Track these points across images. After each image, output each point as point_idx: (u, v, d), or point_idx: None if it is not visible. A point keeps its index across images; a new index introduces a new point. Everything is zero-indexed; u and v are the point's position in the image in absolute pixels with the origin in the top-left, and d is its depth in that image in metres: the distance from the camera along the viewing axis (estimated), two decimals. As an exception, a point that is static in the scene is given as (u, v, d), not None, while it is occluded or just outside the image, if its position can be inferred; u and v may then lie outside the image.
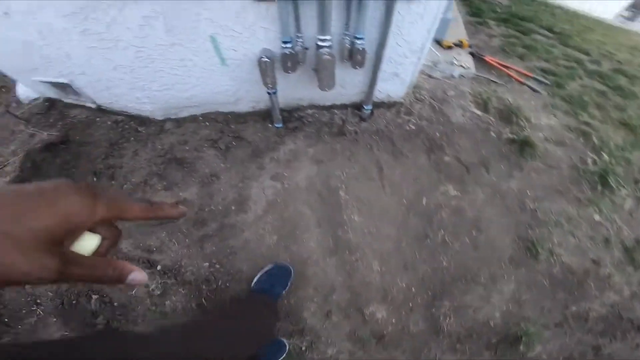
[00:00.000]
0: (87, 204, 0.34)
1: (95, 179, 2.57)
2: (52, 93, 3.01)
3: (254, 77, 2.36)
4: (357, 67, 2.22)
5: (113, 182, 2.52)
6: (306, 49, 2.17)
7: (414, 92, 3.05)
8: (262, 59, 2.03)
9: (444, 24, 3.54)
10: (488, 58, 3.71)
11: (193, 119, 2.75)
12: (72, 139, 2.85)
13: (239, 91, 2.53)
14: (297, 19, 1.97)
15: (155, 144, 2.68)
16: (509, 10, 5.26)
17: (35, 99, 3.24)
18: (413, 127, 2.83)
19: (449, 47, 3.71)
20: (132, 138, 2.80)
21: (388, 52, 2.27)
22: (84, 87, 2.53)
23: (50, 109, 3.17)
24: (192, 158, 2.57)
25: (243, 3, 1.87)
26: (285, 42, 2.04)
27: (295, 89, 2.59)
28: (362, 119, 2.83)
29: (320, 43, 2.01)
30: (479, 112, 3.08)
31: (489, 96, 3.22)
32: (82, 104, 3.02)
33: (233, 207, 2.37)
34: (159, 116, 2.75)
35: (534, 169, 2.69)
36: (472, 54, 3.62)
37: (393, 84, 2.66)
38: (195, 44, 2.10)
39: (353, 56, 2.15)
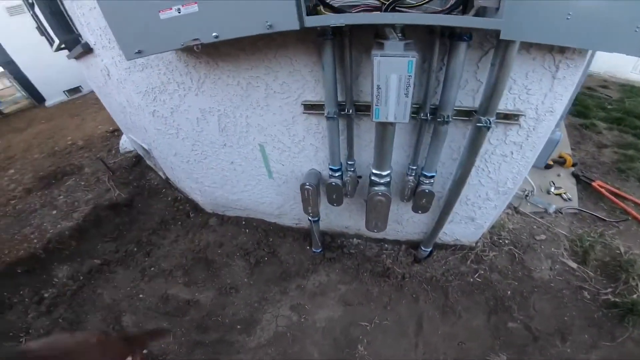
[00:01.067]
0: None
1: (135, 248, 2.64)
2: (141, 152, 3.40)
3: (299, 196, 2.20)
4: (419, 211, 1.84)
5: (146, 259, 2.53)
6: (359, 177, 1.90)
7: (491, 234, 2.43)
8: (305, 185, 1.85)
9: (549, 146, 2.66)
10: (597, 184, 2.70)
11: (236, 221, 2.66)
12: (136, 204, 3.10)
13: (283, 206, 2.36)
14: (350, 142, 1.71)
15: (195, 237, 2.64)
16: (621, 106, 4.03)
17: (130, 152, 3.78)
18: (479, 280, 2.18)
19: (548, 167, 2.86)
20: (180, 223, 2.86)
21: (465, 192, 1.80)
22: (157, 158, 2.71)
23: (136, 165, 3.64)
24: (221, 264, 2.39)
25: (294, 113, 1.74)
26: (333, 170, 1.79)
27: (340, 218, 2.31)
28: (415, 261, 2.33)
29: (374, 178, 1.65)
30: (573, 265, 2.20)
31: (591, 243, 2.30)
32: (157, 170, 3.33)
33: (239, 326, 2.05)
34: (208, 208, 2.74)
35: (632, 339, 1.86)
36: (576, 176, 2.87)
37: (465, 228, 2.14)
38: (245, 149, 2.05)
39: (417, 199, 1.76)
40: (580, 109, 4.04)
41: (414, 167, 1.73)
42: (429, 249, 2.24)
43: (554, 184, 2.83)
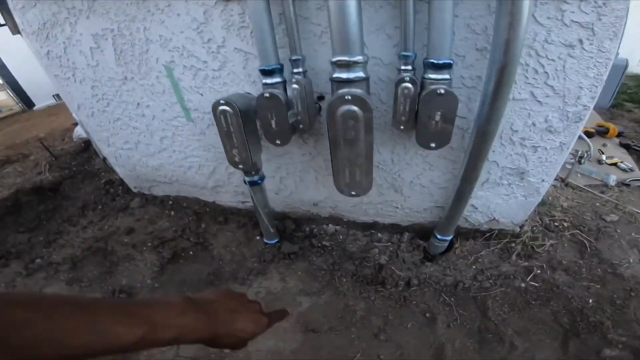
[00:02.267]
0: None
1: (41, 238, 1.99)
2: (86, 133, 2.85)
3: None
4: (433, 144, 0.99)
5: (43, 250, 1.86)
6: (319, 97, 1.12)
7: (541, 214, 1.53)
8: (221, 106, 1.02)
9: (615, 75, 2.07)
10: None
11: (162, 201, 1.86)
12: (63, 189, 2.53)
13: (217, 170, 1.54)
14: (290, 31, 0.96)
15: (106, 223, 1.88)
16: None
17: (82, 139, 3.26)
18: (535, 284, 1.25)
19: (588, 135, 2.22)
20: (101, 207, 2.16)
21: (508, 117, 1.03)
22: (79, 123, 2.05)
23: (84, 151, 3.12)
24: (122, 257, 1.59)
25: (206, 6, 1.06)
26: (266, 73, 1.00)
27: (304, 186, 1.45)
28: (427, 258, 1.42)
29: (338, 74, 0.86)
30: None
31: None
32: (98, 152, 2.74)
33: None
34: (133, 186, 1.98)
35: None
36: (626, 145, 2.31)
37: (509, 198, 1.24)
38: (149, 79, 1.35)
39: (424, 115, 0.92)
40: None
41: (408, 55, 0.91)
42: (448, 238, 1.33)
43: (603, 152, 2.16)
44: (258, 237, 1.59)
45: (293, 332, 1.24)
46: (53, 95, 7.11)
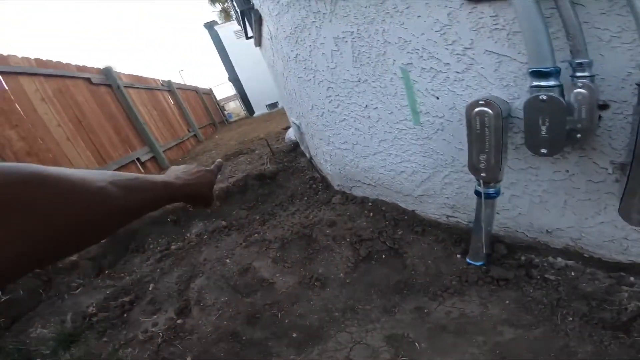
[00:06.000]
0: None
1: (257, 216, 2.50)
2: (297, 135, 3.49)
3: (461, 156, 1.28)
4: None
5: (259, 227, 2.29)
6: (602, 105, 0.89)
7: None
8: (479, 106, 0.95)
9: None
10: None
11: (362, 201, 1.95)
12: (278, 178, 3.09)
13: (431, 179, 1.48)
14: (570, 30, 0.82)
15: (311, 213, 2.13)
16: None
17: (292, 141, 4.01)
18: None
19: None
20: (306, 198, 2.51)
21: None
22: (302, 126, 2.47)
23: (292, 151, 3.74)
24: (322, 247, 1.75)
25: (450, 8, 1.05)
26: (539, 75, 0.88)
27: (541, 208, 1.19)
28: None
29: None
30: None
31: None
32: (305, 152, 3.29)
33: (294, 334, 1.37)
34: (336, 184, 2.19)
35: None
36: None
37: None
38: (382, 81, 1.43)
39: None
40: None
41: None
42: None
43: None
44: (458, 256, 1.43)
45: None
46: (266, 105, 9.15)
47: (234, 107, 11.43)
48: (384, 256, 1.59)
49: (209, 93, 10.35)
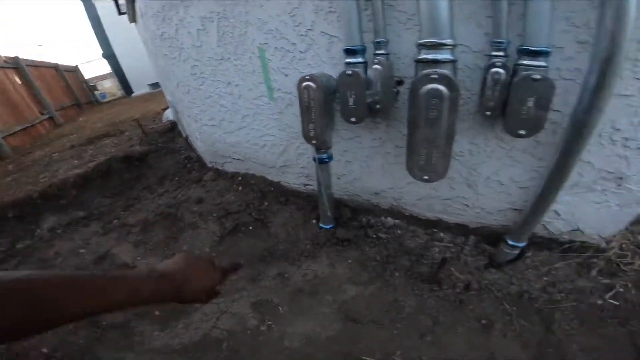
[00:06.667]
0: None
1: (121, 202, 2.29)
2: (173, 114, 3.20)
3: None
4: (522, 131, 0.94)
5: (122, 213, 2.11)
6: (398, 82, 1.12)
7: (635, 233, 1.31)
8: (305, 81, 1.09)
9: None
10: None
11: (232, 176, 2.00)
12: (148, 160, 2.83)
13: (288, 149, 1.62)
14: (376, 16, 1.01)
15: (180, 193, 2.07)
16: None
17: (170, 121, 3.67)
18: (614, 302, 1.08)
19: None
20: (177, 178, 2.40)
21: (611, 112, 0.93)
22: (171, 103, 2.33)
23: (169, 131, 3.44)
24: (188, 224, 1.74)
25: None
26: (350, 53, 1.06)
27: (369, 172, 1.46)
28: (492, 264, 1.31)
29: (424, 55, 0.87)
30: None
31: None
32: (182, 132, 3.08)
33: (157, 312, 1.36)
34: (208, 160, 2.17)
35: None
36: None
37: (600, 207, 1.10)
38: (242, 59, 1.49)
39: (515, 100, 0.89)
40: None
41: (501, 41, 0.90)
42: (521, 245, 1.23)
43: None
44: (314, 221, 1.63)
45: (333, 318, 1.23)
46: (148, 85, 8.19)
47: (110, 87, 9.89)
48: (251, 227, 1.68)
49: (75, 70, 8.73)
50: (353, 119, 1.10)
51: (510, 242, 1.22)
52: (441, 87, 0.86)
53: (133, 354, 1.22)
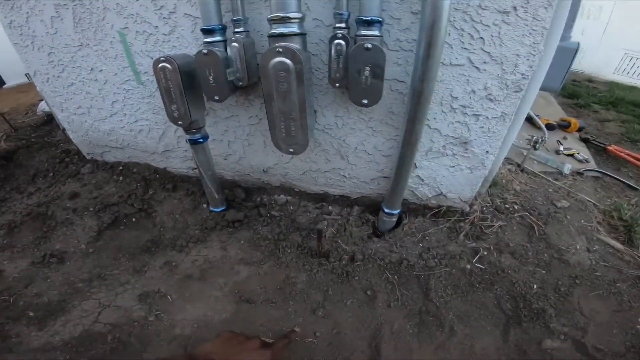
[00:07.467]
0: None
1: None
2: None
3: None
4: (364, 100, 1.00)
5: None
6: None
7: (493, 196, 1.57)
8: (161, 63, 1.01)
9: (564, 58, 1.66)
10: (614, 148, 2.25)
11: (112, 167, 1.82)
12: (17, 157, 2.41)
13: (166, 133, 1.53)
14: None
15: (53, 189, 1.82)
16: (612, 94, 3.86)
17: (46, 112, 3.21)
18: (481, 266, 1.28)
19: (549, 127, 2.35)
20: (52, 174, 2.08)
21: (448, 83, 1.07)
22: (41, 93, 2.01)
23: (45, 124, 3.04)
24: (61, 221, 1.55)
25: None
26: (207, 32, 1.03)
27: (253, 150, 1.45)
28: (375, 234, 1.43)
29: (273, 30, 0.89)
30: (617, 245, 1.42)
31: (632, 214, 1.55)
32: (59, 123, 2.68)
33: (32, 313, 1.21)
34: (85, 152, 1.93)
35: None
36: (585, 139, 2.45)
37: (454, 171, 1.29)
38: (103, 45, 1.38)
39: (353, 68, 0.95)
40: (571, 92, 3.79)
41: (342, 13, 0.95)
42: (396, 212, 1.35)
43: (561, 143, 2.32)
44: (205, 205, 1.58)
45: (226, 301, 1.22)
46: (25, 74, 6.91)
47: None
48: (133, 219, 1.56)
49: None
50: (216, 97, 1.07)
51: (386, 210, 1.34)
52: (286, 60, 0.87)
53: (14, 355, 1.08)
